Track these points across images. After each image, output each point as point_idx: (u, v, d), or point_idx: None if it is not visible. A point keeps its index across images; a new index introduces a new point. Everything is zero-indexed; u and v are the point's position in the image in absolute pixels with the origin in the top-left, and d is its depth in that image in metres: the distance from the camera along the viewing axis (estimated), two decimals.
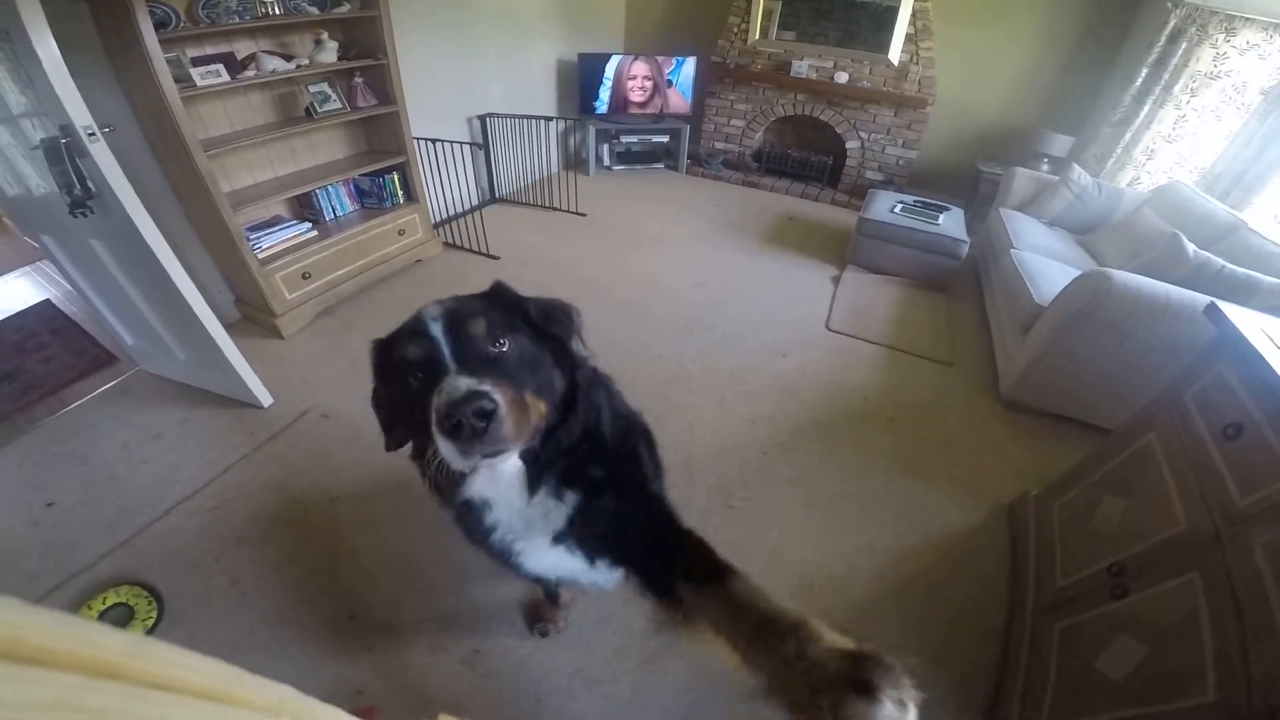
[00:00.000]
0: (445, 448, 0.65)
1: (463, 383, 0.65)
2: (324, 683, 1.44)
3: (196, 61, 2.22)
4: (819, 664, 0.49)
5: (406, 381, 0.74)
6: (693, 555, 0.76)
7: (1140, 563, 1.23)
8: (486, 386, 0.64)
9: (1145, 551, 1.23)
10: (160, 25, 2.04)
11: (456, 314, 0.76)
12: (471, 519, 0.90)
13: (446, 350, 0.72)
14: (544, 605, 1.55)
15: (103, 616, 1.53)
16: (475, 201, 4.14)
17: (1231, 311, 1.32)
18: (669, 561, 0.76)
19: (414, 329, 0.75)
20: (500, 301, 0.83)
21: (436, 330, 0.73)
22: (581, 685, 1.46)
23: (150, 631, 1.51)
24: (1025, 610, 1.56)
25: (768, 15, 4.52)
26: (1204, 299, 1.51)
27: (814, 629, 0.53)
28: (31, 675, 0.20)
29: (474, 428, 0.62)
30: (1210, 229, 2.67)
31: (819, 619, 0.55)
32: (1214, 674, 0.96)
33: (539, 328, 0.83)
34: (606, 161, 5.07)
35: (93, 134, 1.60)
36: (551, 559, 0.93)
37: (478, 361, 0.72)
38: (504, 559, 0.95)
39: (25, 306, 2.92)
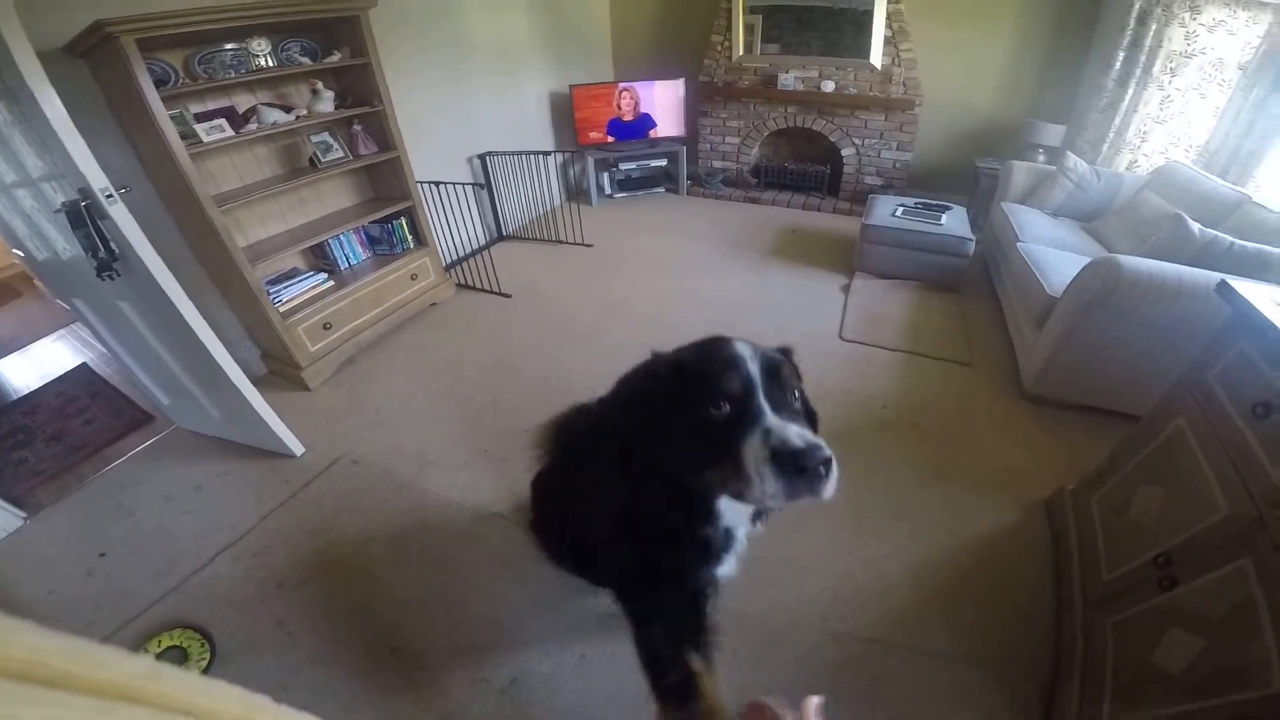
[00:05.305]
0: (770, 485, 0.68)
1: (794, 430, 0.68)
2: (371, 716, 1.46)
3: (200, 117, 2.24)
4: None
5: (702, 407, 0.74)
6: None
7: (1186, 552, 1.21)
8: (821, 441, 0.68)
9: (1189, 540, 1.21)
10: (160, 82, 2.04)
11: (769, 358, 0.78)
12: (718, 544, 0.97)
13: (761, 390, 0.73)
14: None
15: (159, 659, 1.55)
16: (483, 241, 4.22)
17: (1244, 288, 1.31)
18: None
19: (729, 360, 0.76)
20: (787, 359, 0.87)
21: (753, 369, 0.74)
22: (616, 711, 1.47)
23: (205, 672, 1.53)
24: (1074, 608, 1.53)
25: (750, 30, 4.59)
26: (1217, 277, 1.50)
27: None
28: (48, 697, 0.20)
29: (818, 475, 0.67)
30: (1215, 206, 2.66)
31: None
32: (1278, 664, 0.93)
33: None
34: (608, 189, 5.15)
35: (110, 196, 1.61)
36: (730, 566, 1.06)
37: (783, 410, 0.73)
38: (711, 572, 1.05)
39: (64, 371, 3.04)
